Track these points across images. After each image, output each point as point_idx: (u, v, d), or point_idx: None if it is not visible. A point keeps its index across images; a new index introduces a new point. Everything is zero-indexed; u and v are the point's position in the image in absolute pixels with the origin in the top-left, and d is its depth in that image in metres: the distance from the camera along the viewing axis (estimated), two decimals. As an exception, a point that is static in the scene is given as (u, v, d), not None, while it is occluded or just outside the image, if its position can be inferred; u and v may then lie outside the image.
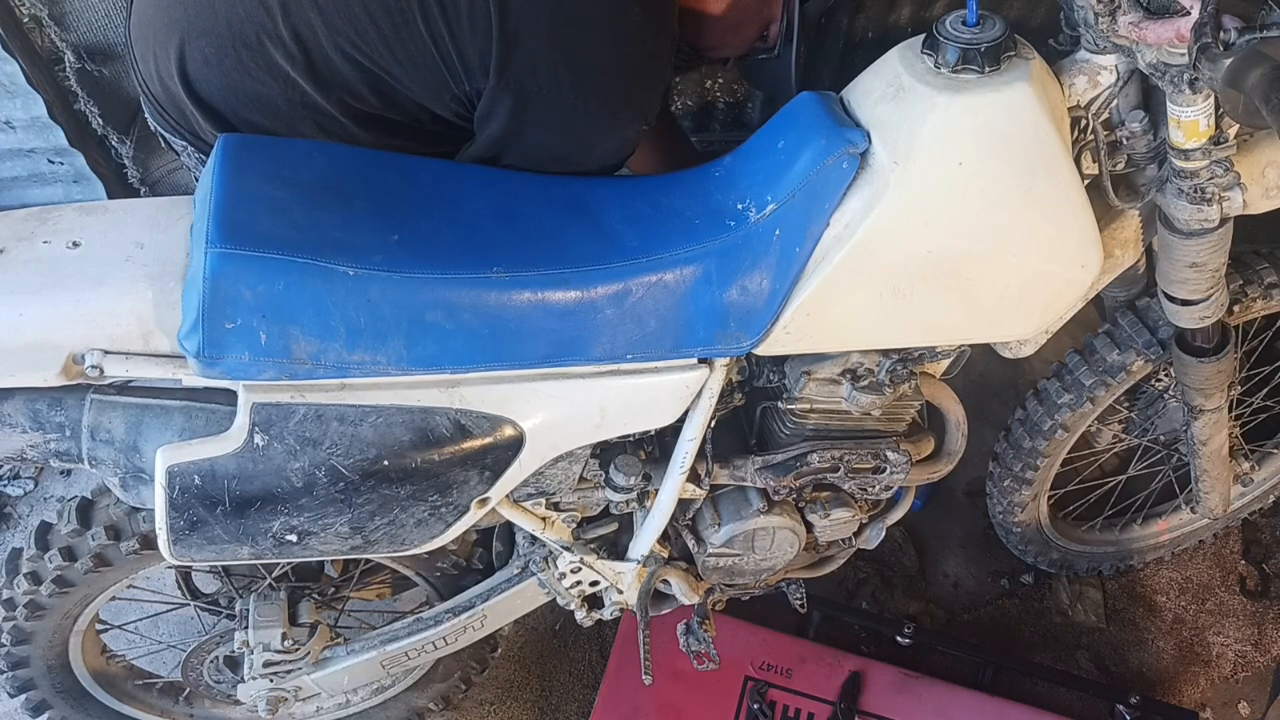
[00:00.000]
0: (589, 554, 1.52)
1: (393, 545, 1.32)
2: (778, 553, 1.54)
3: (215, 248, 1.10)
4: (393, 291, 1.15)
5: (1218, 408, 1.63)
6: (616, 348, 1.24)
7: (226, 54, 1.32)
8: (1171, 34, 1.08)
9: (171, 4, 1.36)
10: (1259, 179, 1.34)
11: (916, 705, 1.94)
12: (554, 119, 1.30)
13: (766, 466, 1.44)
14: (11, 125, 2.08)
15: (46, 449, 1.23)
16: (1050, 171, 1.17)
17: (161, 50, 1.37)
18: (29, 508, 2.37)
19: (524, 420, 1.26)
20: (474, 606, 1.61)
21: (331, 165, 1.24)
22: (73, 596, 1.52)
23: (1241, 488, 2.11)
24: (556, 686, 2.12)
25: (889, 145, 1.16)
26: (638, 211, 1.28)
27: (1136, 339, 1.65)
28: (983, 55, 1.12)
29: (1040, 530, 2.05)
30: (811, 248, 1.20)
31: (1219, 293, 1.42)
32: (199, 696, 1.84)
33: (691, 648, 1.68)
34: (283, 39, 1.30)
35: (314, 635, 1.60)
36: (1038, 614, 2.23)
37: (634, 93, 1.33)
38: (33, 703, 1.69)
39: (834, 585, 2.20)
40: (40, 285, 1.14)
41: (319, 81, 1.32)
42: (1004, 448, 1.91)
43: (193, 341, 1.11)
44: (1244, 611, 2.24)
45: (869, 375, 1.37)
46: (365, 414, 1.20)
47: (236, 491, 1.19)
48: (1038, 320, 1.32)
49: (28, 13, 1.98)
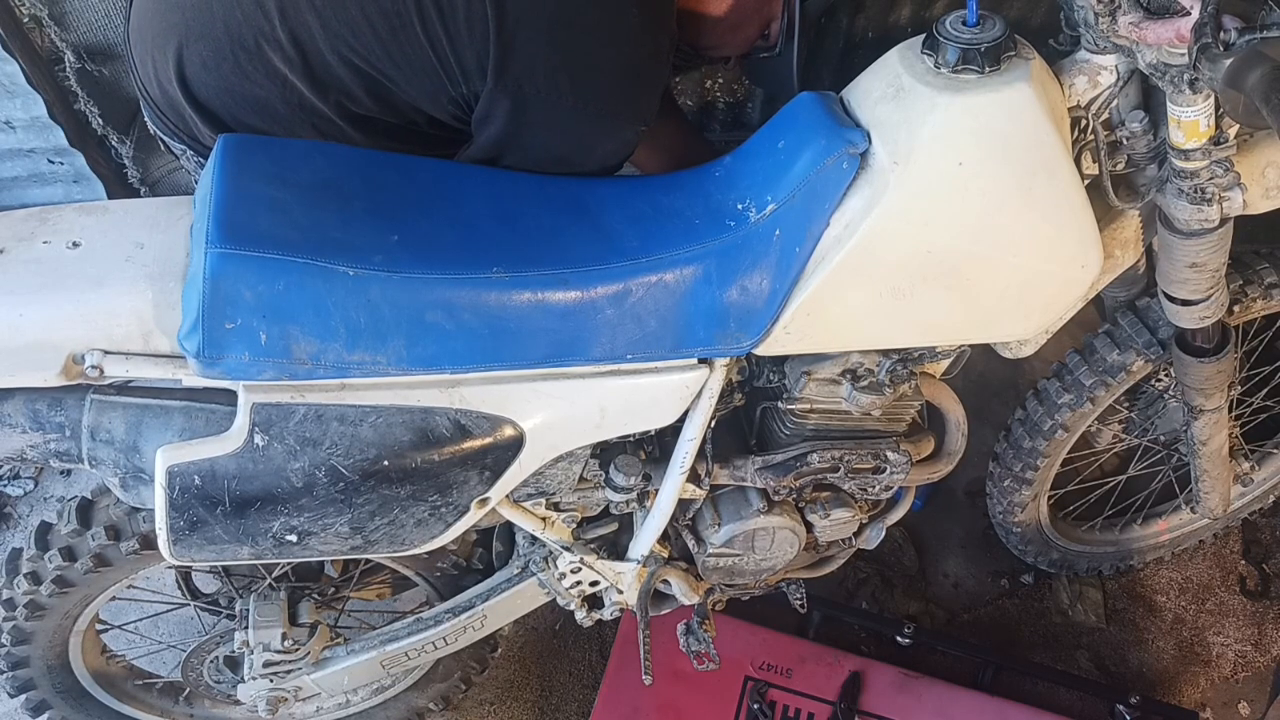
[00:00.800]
0: (589, 554, 1.52)
1: (393, 545, 1.32)
2: (778, 553, 1.54)
3: (215, 248, 1.10)
4: (393, 291, 1.15)
5: (1218, 408, 1.63)
6: (616, 348, 1.24)
7: (224, 58, 1.32)
8: (1171, 34, 1.08)
9: (169, 8, 1.36)
10: (1259, 179, 1.34)
11: (916, 705, 1.94)
12: (553, 122, 1.29)
13: (766, 466, 1.44)
14: (11, 125, 2.08)
15: (46, 449, 1.23)
16: (1050, 171, 1.17)
17: (160, 54, 1.37)
18: (29, 508, 2.37)
19: (524, 420, 1.26)
20: (474, 606, 1.61)
21: (331, 165, 1.24)
22: (73, 596, 1.52)
23: (1241, 488, 2.10)
24: (556, 686, 2.12)
25: (889, 145, 1.16)
26: (638, 211, 1.28)
27: (1136, 339, 1.65)
28: (983, 55, 1.12)
29: (1040, 530, 2.05)
30: (811, 248, 1.20)
31: (1219, 293, 1.42)
32: (199, 696, 1.84)
33: (691, 648, 1.68)
34: (280, 42, 1.29)
35: (314, 635, 1.60)
36: (1038, 614, 2.22)
37: (633, 94, 1.33)
38: (33, 703, 1.69)
39: (834, 585, 2.19)
40: (40, 285, 1.14)
41: (317, 85, 1.32)
42: (1004, 448, 1.91)
43: (193, 341, 1.11)
44: (1244, 611, 2.24)
45: (869, 375, 1.37)
46: (365, 414, 1.20)
47: (236, 491, 1.19)
48: (1038, 320, 1.32)
49: (28, 13, 1.98)
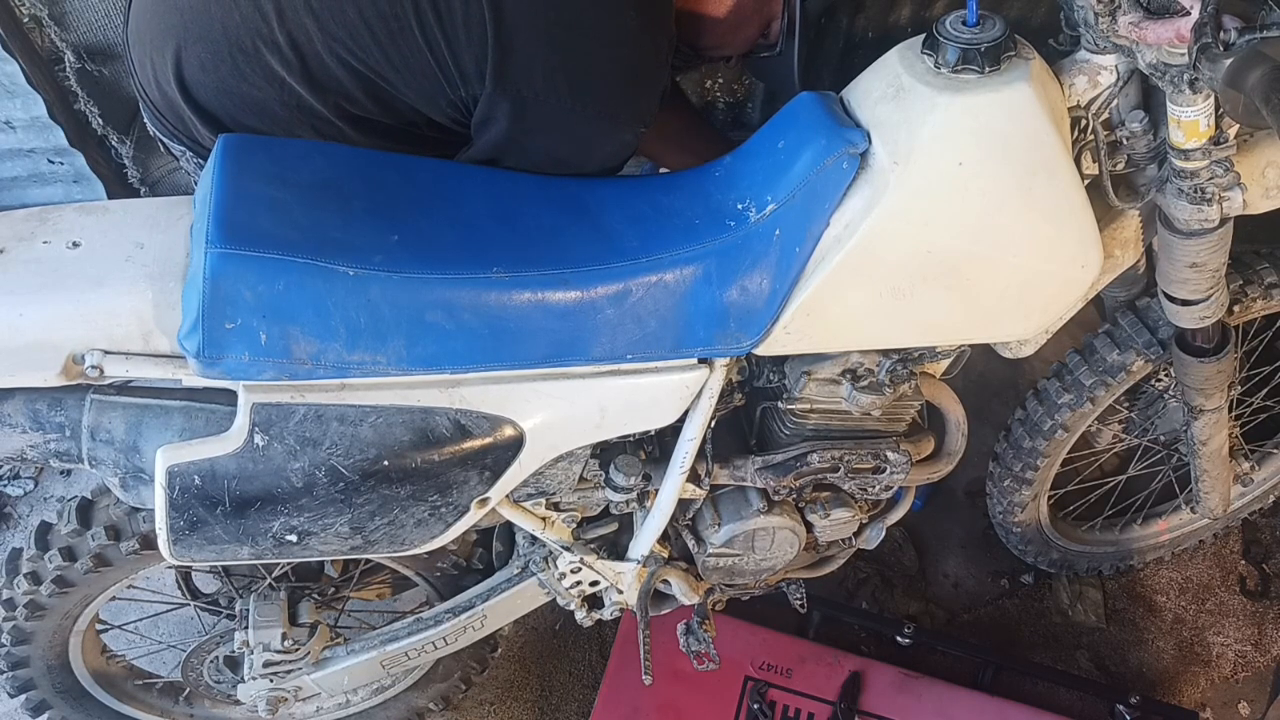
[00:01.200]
0: (589, 554, 1.52)
1: (393, 545, 1.32)
2: (778, 553, 1.54)
3: (215, 248, 1.10)
4: (393, 291, 1.15)
5: (1218, 408, 1.63)
6: (616, 348, 1.24)
7: (223, 60, 1.32)
8: (1171, 34, 1.08)
9: (168, 10, 1.36)
10: (1259, 179, 1.34)
11: (916, 705, 1.94)
12: (552, 124, 1.29)
13: (766, 466, 1.44)
14: (11, 125, 2.08)
15: (46, 449, 1.23)
16: (1050, 171, 1.17)
17: (158, 56, 1.37)
18: (29, 508, 2.37)
19: (524, 420, 1.26)
20: (474, 606, 1.61)
21: (331, 165, 1.24)
22: (73, 596, 1.52)
23: (1241, 488, 2.10)
24: (556, 686, 2.12)
25: (889, 145, 1.16)
26: (638, 211, 1.28)
27: (1136, 339, 1.65)
28: (983, 55, 1.12)
29: (1040, 530, 2.05)
30: (811, 248, 1.20)
31: (1219, 293, 1.42)
32: (199, 696, 1.84)
33: (691, 648, 1.68)
34: (278, 44, 1.29)
35: (314, 635, 1.60)
36: (1038, 614, 2.22)
37: (633, 96, 1.33)
38: (33, 703, 1.69)
39: (834, 585, 2.19)
40: (40, 285, 1.14)
41: (315, 87, 1.32)
42: (1004, 448, 1.91)
43: (193, 341, 1.11)
44: (1244, 611, 2.24)
45: (869, 375, 1.37)
46: (365, 414, 1.20)
47: (236, 491, 1.19)
48: (1038, 320, 1.32)
49: (28, 13, 1.98)
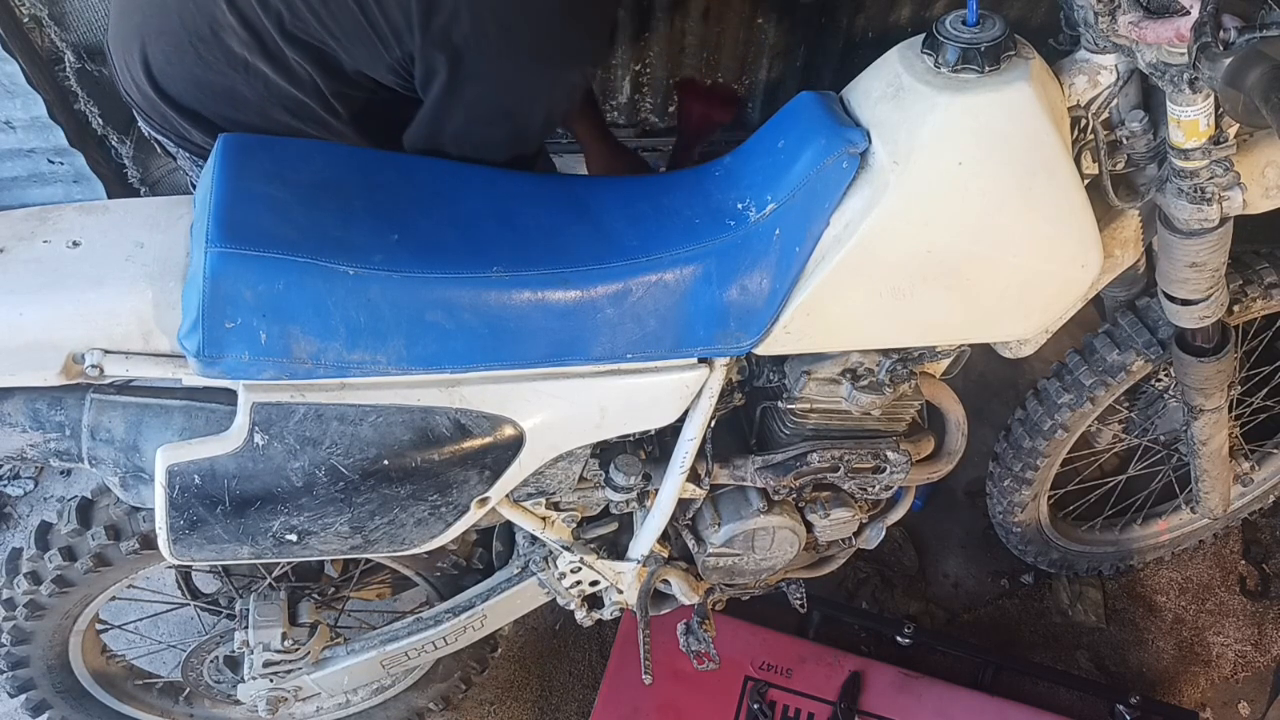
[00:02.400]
0: (589, 554, 1.52)
1: (393, 545, 1.32)
2: (778, 553, 1.54)
3: (215, 247, 1.10)
4: (393, 291, 1.15)
5: (1218, 408, 1.63)
6: (616, 347, 1.24)
7: (185, 51, 1.33)
8: (1171, 34, 1.08)
9: (131, 10, 1.37)
10: (1259, 179, 1.34)
11: (916, 705, 1.94)
12: (488, 72, 1.26)
13: (766, 466, 1.44)
14: (11, 125, 2.08)
15: (46, 448, 1.23)
16: (1050, 171, 1.17)
17: (129, 56, 1.39)
18: (29, 508, 2.37)
19: (524, 420, 1.26)
20: (474, 606, 1.61)
21: (331, 165, 1.24)
22: (73, 596, 1.52)
23: (1241, 488, 2.11)
24: (556, 686, 2.12)
25: (889, 145, 1.16)
26: (638, 211, 1.28)
27: (1136, 339, 1.65)
28: (983, 55, 1.12)
29: (1040, 530, 2.05)
30: (811, 247, 1.20)
31: (1219, 293, 1.42)
32: (199, 696, 1.84)
33: (691, 648, 1.68)
34: (233, 27, 1.30)
35: (314, 635, 1.60)
36: (1038, 614, 2.23)
37: (567, 36, 1.28)
38: (33, 703, 1.69)
39: (834, 585, 2.19)
40: (40, 285, 1.14)
41: (275, 64, 1.32)
42: (1004, 448, 1.91)
43: (193, 341, 1.11)
44: (1244, 611, 2.24)
45: (869, 375, 1.37)
46: (365, 413, 1.20)
47: (236, 491, 1.19)
48: (1038, 320, 1.32)
49: (28, 13, 1.98)
